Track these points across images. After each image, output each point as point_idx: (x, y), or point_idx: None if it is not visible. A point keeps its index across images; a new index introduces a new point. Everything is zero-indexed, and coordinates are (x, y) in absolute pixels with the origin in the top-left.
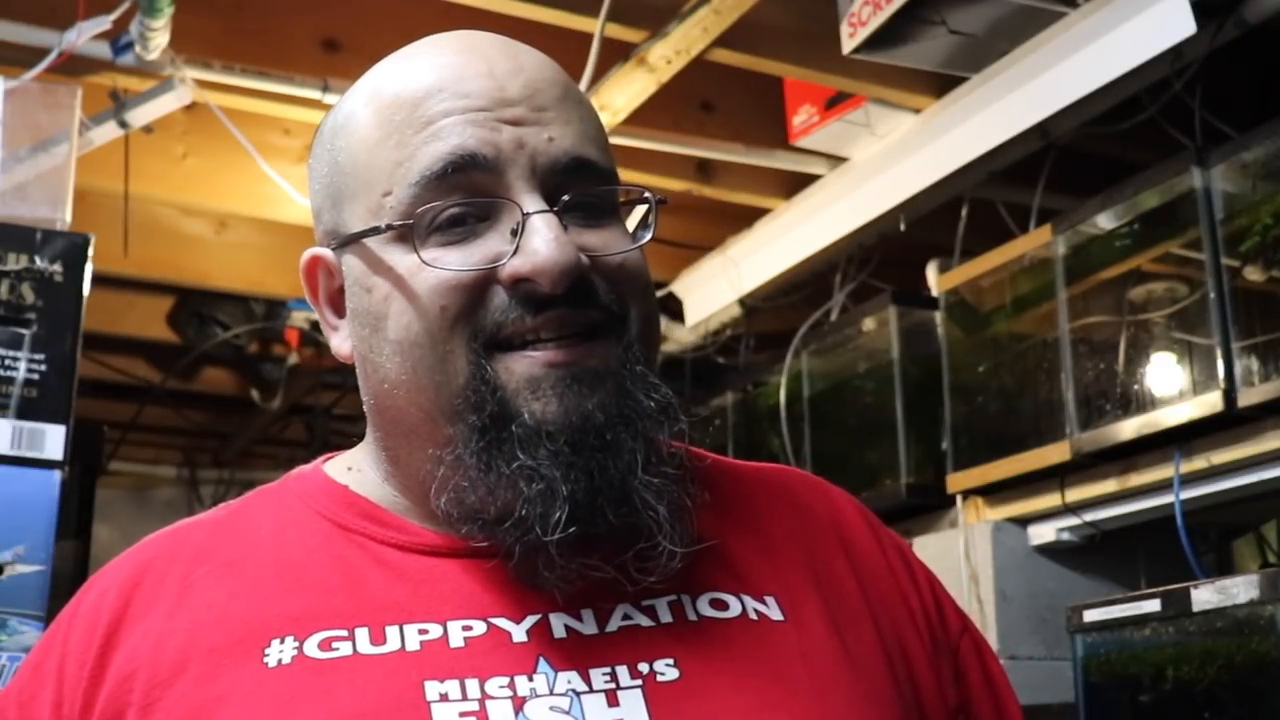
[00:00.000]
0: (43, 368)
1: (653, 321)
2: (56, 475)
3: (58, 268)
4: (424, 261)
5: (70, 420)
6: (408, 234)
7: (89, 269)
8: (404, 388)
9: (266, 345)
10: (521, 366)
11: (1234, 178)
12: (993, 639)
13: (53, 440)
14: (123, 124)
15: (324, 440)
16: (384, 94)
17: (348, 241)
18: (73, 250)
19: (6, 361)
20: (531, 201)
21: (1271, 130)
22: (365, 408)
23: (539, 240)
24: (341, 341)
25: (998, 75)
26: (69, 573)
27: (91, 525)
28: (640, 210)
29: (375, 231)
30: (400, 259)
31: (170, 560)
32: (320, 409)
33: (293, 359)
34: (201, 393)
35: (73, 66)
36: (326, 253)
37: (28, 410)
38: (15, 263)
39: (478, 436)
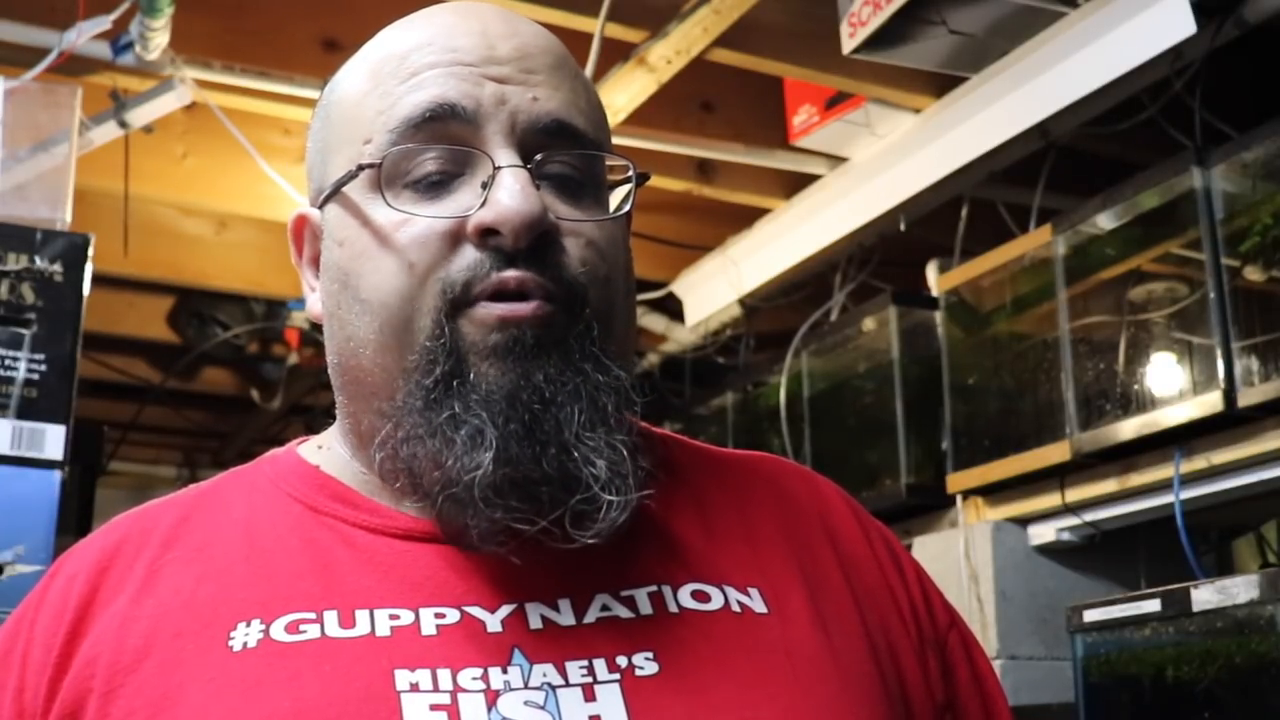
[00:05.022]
0: (43, 368)
1: (616, 304)
2: (56, 475)
3: (58, 268)
4: (392, 206)
5: (70, 420)
6: (380, 183)
7: (89, 269)
8: (370, 347)
9: (266, 345)
10: (475, 325)
11: (1234, 178)
12: (993, 639)
13: (53, 440)
14: (123, 124)
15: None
16: (377, 52)
17: (329, 197)
18: (73, 250)
19: (6, 361)
20: (505, 156)
21: (1271, 130)
22: (330, 368)
23: (504, 192)
24: (315, 301)
25: (998, 75)
26: None
27: (91, 525)
28: (624, 191)
29: (350, 177)
30: (373, 212)
31: (139, 544)
32: (320, 409)
33: (293, 359)
34: (201, 393)
35: (73, 66)
36: (312, 212)
37: (28, 410)
38: (15, 263)
39: (424, 394)
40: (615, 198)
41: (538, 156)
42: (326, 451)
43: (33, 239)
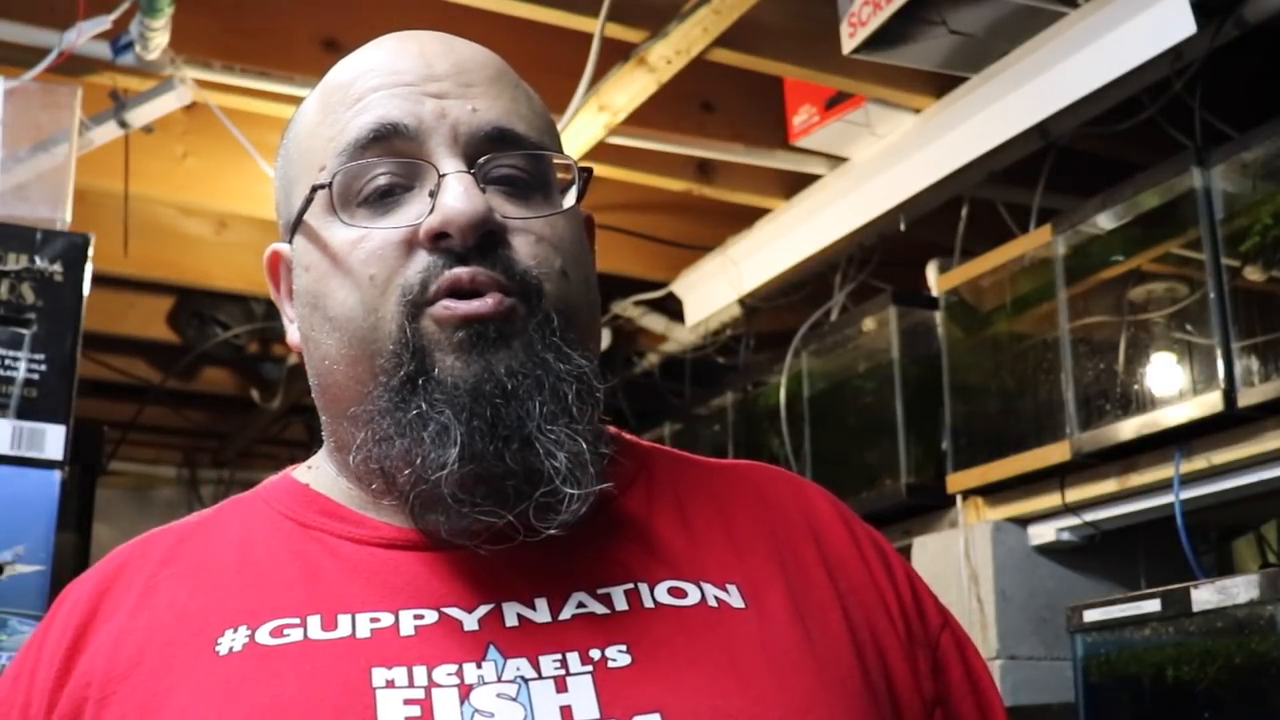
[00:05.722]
0: (43, 368)
1: (574, 295)
2: (56, 475)
3: (58, 268)
4: (347, 224)
5: (70, 420)
6: (334, 203)
7: (89, 269)
8: (343, 362)
9: (266, 345)
10: (437, 323)
11: (1234, 178)
12: (992, 639)
13: (53, 440)
14: (123, 124)
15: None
16: (327, 84)
17: (294, 228)
18: (73, 250)
19: (6, 361)
20: (449, 164)
21: (1271, 130)
22: (313, 392)
23: (449, 195)
24: (294, 332)
25: (998, 75)
26: (69, 573)
27: (91, 525)
28: (575, 190)
29: (308, 203)
30: (331, 233)
31: (139, 566)
32: None
33: (293, 359)
34: (201, 393)
35: (73, 66)
36: (284, 246)
37: (28, 410)
38: (15, 263)
39: (390, 395)
40: (571, 199)
41: (481, 160)
42: (315, 471)
43: (33, 239)
